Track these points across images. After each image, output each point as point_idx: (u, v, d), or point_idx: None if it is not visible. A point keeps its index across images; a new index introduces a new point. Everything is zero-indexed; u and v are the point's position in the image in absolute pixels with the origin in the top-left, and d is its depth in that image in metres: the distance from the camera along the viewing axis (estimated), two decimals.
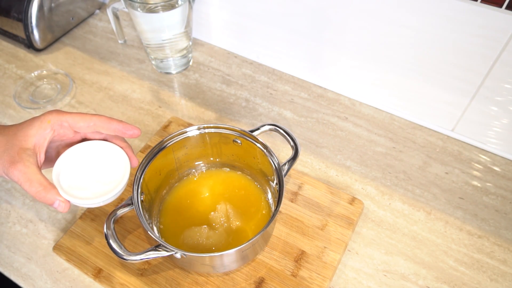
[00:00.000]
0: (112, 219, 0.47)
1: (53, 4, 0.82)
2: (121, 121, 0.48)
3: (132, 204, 0.49)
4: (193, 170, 0.61)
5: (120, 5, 0.73)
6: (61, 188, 0.45)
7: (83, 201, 0.46)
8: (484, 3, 0.53)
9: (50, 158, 0.49)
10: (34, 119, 0.46)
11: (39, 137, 0.45)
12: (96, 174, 0.48)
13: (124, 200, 0.59)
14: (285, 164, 0.53)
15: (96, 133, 0.50)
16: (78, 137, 0.50)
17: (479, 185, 0.64)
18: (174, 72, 0.80)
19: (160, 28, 0.72)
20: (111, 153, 0.49)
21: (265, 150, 0.54)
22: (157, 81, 0.79)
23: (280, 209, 0.49)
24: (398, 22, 0.61)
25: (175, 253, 0.46)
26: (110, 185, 0.47)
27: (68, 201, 0.45)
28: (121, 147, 0.50)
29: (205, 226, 0.55)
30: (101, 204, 0.47)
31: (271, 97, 0.76)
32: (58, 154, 0.49)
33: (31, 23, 0.80)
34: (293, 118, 0.73)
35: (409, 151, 0.68)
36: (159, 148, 0.54)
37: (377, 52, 0.66)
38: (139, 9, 0.69)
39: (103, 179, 0.48)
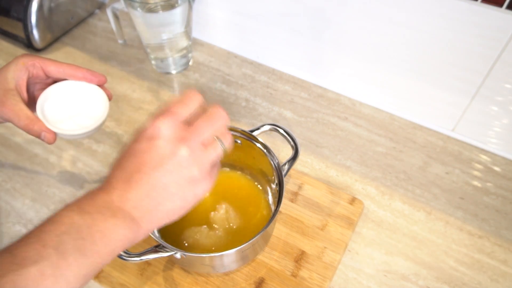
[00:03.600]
0: None
1: (52, 4, 0.82)
2: (88, 69, 0.52)
3: None
4: None
5: (120, 5, 0.72)
6: (46, 121, 0.49)
7: (68, 132, 0.49)
8: (484, 3, 0.53)
9: (28, 101, 0.53)
10: (8, 64, 0.50)
11: (17, 78, 0.49)
12: (78, 109, 0.51)
13: None
14: (285, 164, 0.53)
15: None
16: (50, 81, 0.53)
17: (479, 185, 0.64)
18: (174, 72, 0.80)
19: (160, 28, 0.72)
20: (89, 90, 0.52)
21: (265, 150, 0.54)
22: (157, 81, 0.79)
23: (280, 209, 0.49)
24: (398, 22, 0.61)
25: (175, 253, 0.45)
26: (93, 118, 0.50)
27: (54, 132, 0.48)
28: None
29: (205, 226, 0.55)
30: (84, 136, 0.50)
31: (271, 97, 0.76)
32: (34, 98, 0.52)
33: (30, 23, 0.80)
34: (293, 118, 0.73)
35: (409, 151, 0.68)
36: None
37: (377, 52, 0.66)
38: (139, 9, 0.69)
39: (85, 112, 0.51)
